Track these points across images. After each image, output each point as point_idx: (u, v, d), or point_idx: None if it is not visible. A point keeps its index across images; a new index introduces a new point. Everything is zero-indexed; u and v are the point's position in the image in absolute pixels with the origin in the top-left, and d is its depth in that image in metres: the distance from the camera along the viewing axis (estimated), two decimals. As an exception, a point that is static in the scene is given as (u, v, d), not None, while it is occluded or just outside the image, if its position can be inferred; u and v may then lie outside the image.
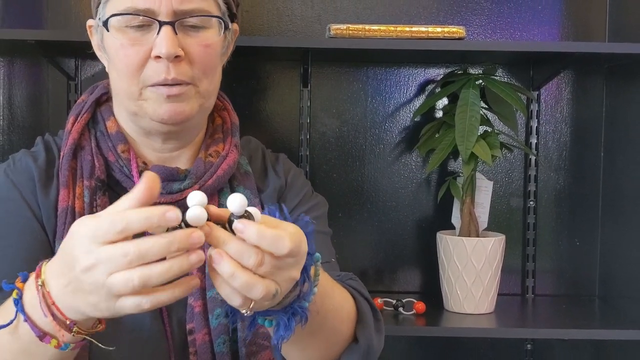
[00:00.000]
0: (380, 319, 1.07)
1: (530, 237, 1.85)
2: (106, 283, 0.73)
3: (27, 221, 1.07)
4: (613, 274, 1.79)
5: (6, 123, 1.80)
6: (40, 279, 0.79)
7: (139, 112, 1.08)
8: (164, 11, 1.03)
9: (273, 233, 0.75)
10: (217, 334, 1.06)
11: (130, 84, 1.06)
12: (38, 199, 1.08)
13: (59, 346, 0.81)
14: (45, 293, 0.78)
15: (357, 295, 1.05)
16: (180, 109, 1.06)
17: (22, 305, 0.81)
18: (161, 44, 1.02)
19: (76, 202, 1.07)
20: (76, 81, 1.79)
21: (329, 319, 0.95)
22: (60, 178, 1.09)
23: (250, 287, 0.74)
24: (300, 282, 0.84)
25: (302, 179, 1.25)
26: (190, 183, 1.09)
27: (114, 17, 1.04)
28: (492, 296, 1.68)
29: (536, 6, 1.83)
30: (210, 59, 1.08)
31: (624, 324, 1.63)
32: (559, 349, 1.87)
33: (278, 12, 1.81)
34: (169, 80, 1.04)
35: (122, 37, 1.05)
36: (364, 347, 1.01)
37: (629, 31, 1.73)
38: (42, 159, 1.11)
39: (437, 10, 1.82)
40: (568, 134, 1.85)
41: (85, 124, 1.12)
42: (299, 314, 0.84)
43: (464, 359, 1.88)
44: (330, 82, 1.84)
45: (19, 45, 1.61)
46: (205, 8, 1.06)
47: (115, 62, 1.07)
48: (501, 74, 1.83)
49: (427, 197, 1.85)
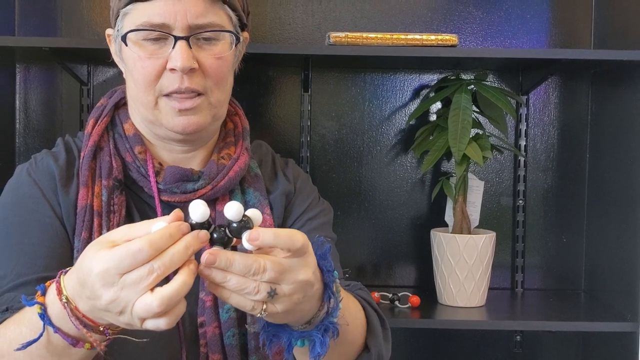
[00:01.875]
0: (387, 328, 1.07)
1: (520, 234, 1.85)
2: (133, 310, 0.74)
3: (48, 219, 1.06)
4: (598, 269, 1.79)
5: (22, 126, 1.80)
6: (64, 295, 0.78)
7: (155, 121, 1.08)
8: (179, 26, 1.03)
9: (286, 231, 0.77)
10: (227, 327, 1.06)
11: (147, 93, 1.06)
12: (58, 197, 1.08)
13: (92, 347, 0.81)
14: (72, 308, 0.78)
15: (366, 305, 1.05)
16: (193, 121, 1.06)
17: (49, 319, 0.80)
18: (176, 57, 1.03)
19: (95, 200, 1.07)
20: (88, 86, 1.78)
21: (348, 331, 0.95)
22: (80, 177, 1.08)
23: (243, 287, 0.76)
24: (326, 299, 0.85)
25: (310, 185, 1.25)
26: (203, 183, 1.10)
27: (132, 32, 1.05)
28: (483, 290, 1.68)
29: (525, 15, 1.83)
30: (222, 71, 1.08)
31: (609, 316, 1.63)
32: (546, 340, 1.87)
33: (280, 20, 1.81)
34: (182, 89, 1.04)
35: (139, 50, 1.05)
36: (375, 355, 1.02)
37: (613, 39, 1.73)
38: (62, 159, 1.11)
39: (431, 19, 1.82)
40: (555, 136, 1.85)
41: (105, 127, 1.12)
42: (330, 329, 0.86)
43: (456, 349, 1.88)
44: (330, 87, 1.84)
45: (35, 52, 1.61)
46: (218, 22, 1.06)
47: (133, 73, 1.07)
48: (492, 80, 1.83)
49: (421, 196, 1.85)
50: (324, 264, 0.85)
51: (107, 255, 0.73)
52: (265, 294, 0.76)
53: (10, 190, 1.11)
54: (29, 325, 0.83)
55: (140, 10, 1.04)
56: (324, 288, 0.85)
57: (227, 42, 1.08)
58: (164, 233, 0.73)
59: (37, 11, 1.78)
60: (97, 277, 0.74)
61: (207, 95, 1.07)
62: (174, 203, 1.09)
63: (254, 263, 0.76)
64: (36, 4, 1.78)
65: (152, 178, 1.09)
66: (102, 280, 0.73)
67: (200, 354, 1.06)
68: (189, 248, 0.74)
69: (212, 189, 1.10)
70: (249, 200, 1.14)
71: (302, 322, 0.86)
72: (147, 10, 1.03)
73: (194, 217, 0.75)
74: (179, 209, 0.77)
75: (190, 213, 0.76)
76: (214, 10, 1.05)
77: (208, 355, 1.06)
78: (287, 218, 1.18)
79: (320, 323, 0.85)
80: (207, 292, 1.07)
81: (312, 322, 0.85)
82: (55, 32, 1.79)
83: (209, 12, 1.05)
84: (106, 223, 1.06)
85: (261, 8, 1.80)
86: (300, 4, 1.81)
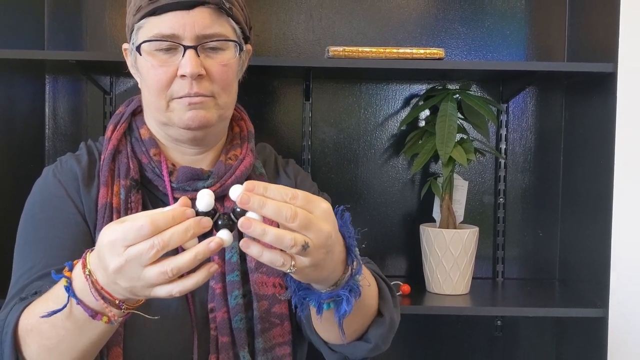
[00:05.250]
0: (396, 296, 1.06)
1: (500, 229, 1.85)
2: (141, 276, 0.74)
3: (72, 215, 1.07)
4: (571, 260, 1.79)
5: (51, 131, 1.80)
6: (87, 269, 0.80)
7: (168, 122, 1.08)
8: (188, 36, 1.04)
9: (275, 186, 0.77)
10: (235, 312, 1.06)
11: (159, 98, 1.07)
12: (81, 195, 1.08)
13: (109, 321, 0.81)
14: (93, 281, 0.79)
15: (376, 275, 1.05)
16: (201, 115, 1.06)
17: (73, 291, 0.81)
18: (186, 65, 1.03)
19: (114, 198, 1.07)
20: (111, 95, 1.79)
21: (366, 296, 0.94)
22: (100, 178, 1.09)
23: (281, 239, 0.74)
24: (350, 262, 0.85)
25: (310, 181, 1.25)
26: (212, 182, 1.10)
27: (145, 42, 1.05)
28: (468, 279, 1.68)
29: (505, 31, 1.83)
30: (227, 77, 1.08)
31: (580, 303, 1.63)
32: (524, 324, 1.87)
33: (284, 36, 1.81)
34: (192, 93, 1.04)
35: (152, 60, 1.05)
36: (388, 320, 1.01)
37: (584, 52, 1.73)
38: (84, 161, 1.12)
39: (420, 35, 1.82)
40: (532, 141, 1.85)
41: (123, 132, 1.13)
42: (354, 289, 0.85)
43: (443, 333, 1.88)
44: (329, 96, 1.84)
45: (63, 65, 1.61)
46: (223, 33, 1.06)
47: (146, 80, 1.08)
48: (475, 89, 1.83)
49: (411, 195, 1.85)
50: (345, 230, 0.85)
51: (116, 228, 0.75)
52: (300, 247, 0.75)
53: (37, 189, 1.11)
54: (55, 300, 0.84)
55: (153, 23, 1.05)
56: (347, 252, 0.85)
57: (232, 51, 1.08)
58: (167, 214, 0.74)
59: (65, 28, 1.78)
60: (106, 247, 0.75)
61: (215, 97, 1.07)
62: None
63: (285, 205, 0.75)
64: (64, 22, 1.78)
65: (166, 177, 1.09)
66: (110, 250, 0.75)
67: (211, 337, 1.06)
68: (189, 230, 0.73)
69: (220, 186, 1.10)
70: None
71: (329, 284, 0.85)
72: (159, 23, 1.04)
73: (200, 205, 0.75)
74: (185, 196, 0.77)
75: (197, 202, 0.76)
76: (219, 22, 1.06)
77: (217, 337, 1.06)
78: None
79: (345, 284, 0.85)
80: (217, 280, 1.07)
81: (338, 284, 0.85)
82: (80, 47, 1.79)
83: (215, 23, 1.05)
84: None
85: (267, 25, 1.80)
86: (302, 21, 1.81)
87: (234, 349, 1.06)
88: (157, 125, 1.12)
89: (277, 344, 1.09)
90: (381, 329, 1.00)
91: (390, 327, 1.02)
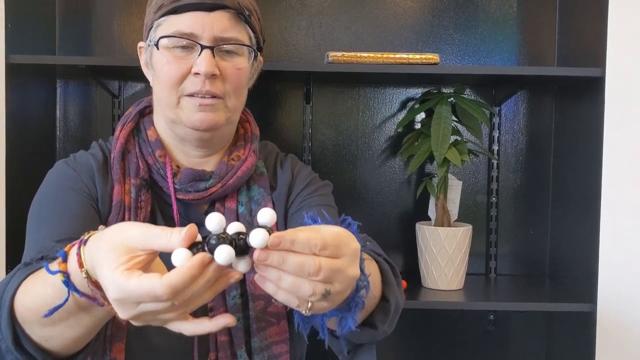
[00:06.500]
0: (398, 276, 0.97)
1: (493, 227, 1.85)
2: (157, 318, 0.69)
3: (85, 194, 1.05)
4: (560, 257, 1.79)
5: (62, 133, 1.80)
6: (84, 269, 0.72)
7: (176, 119, 1.07)
8: (206, 37, 1.03)
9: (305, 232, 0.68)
10: (233, 312, 1.05)
11: (170, 93, 1.05)
12: (96, 184, 1.06)
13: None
14: (92, 281, 0.73)
15: (377, 257, 0.95)
16: (210, 117, 1.05)
17: (73, 285, 0.74)
18: (201, 63, 1.02)
19: (125, 197, 1.06)
20: (119, 99, 1.79)
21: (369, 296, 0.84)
22: (113, 175, 1.08)
23: (298, 288, 0.67)
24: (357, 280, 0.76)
25: (308, 170, 1.21)
26: (214, 182, 1.09)
27: (164, 38, 1.04)
28: (462, 275, 1.68)
29: (497, 37, 1.83)
30: (240, 80, 1.07)
31: (570, 298, 1.63)
32: (516, 319, 1.88)
33: (285, 42, 1.82)
34: (203, 91, 1.03)
35: (168, 55, 1.04)
36: (394, 304, 0.93)
37: (574, 58, 1.73)
38: (99, 156, 1.11)
39: (416, 41, 1.82)
40: (524, 143, 1.86)
41: (130, 130, 1.12)
42: (359, 304, 0.77)
43: (438, 327, 1.88)
44: (328, 100, 1.84)
45: (73, 70, 1.62)
46: (240, 38, 1.06)
47: (160, 75, 1.06)
48: (469, 93, 1.83)
49: (407, 194, 1.86)
50: None
51: (125, 285, 0.65)
52: (320, 296, 0.68)
53: (49, 176, 1.10)
54: (54, 288, 0.77)
55: (172, 21, 1.04)
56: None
57: (246, 56, 1.07)
58: (186, 276, 0.64)
59: (75, 34, 1.79)
60: (114, 301, 0.68)
61: (225, 99, 1.06)
62: (188, 201, 1.08)
63: (309, 260, 0.66)
64: (74, 28, 1.78)
65: (169, 179, 1.08)
66: (119, 304, 0.68)
67: (210, 336, 1.05)
68: (209, 281, 0.66)
69: (222, 186, 1.09)
70: (253, 195, 1.12)
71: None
72: (179, 22, 1.03)
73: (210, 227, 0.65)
74: (193, 225, 0.66)
75: (207, 225, 0.65)
76: (237, 28, 1.05)
77: (216, 336, 1.05)
78: (289, 196, 1.15)
79: (351, 300, 0.77)
80: None
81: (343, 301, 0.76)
82: (90, 52, 1.79)
83: (233, 28, 1.05)
84: (134, 218, 1.05)
85: (269, 31, 1.80)
86: (302, 27, 1.82)
87: (232, 347, 1.05)
88: (165, 123, 1.11)
89: (273, 342, 1.07)
90: (387, 314, 0.93)
91: (396, 311, 0.94)
